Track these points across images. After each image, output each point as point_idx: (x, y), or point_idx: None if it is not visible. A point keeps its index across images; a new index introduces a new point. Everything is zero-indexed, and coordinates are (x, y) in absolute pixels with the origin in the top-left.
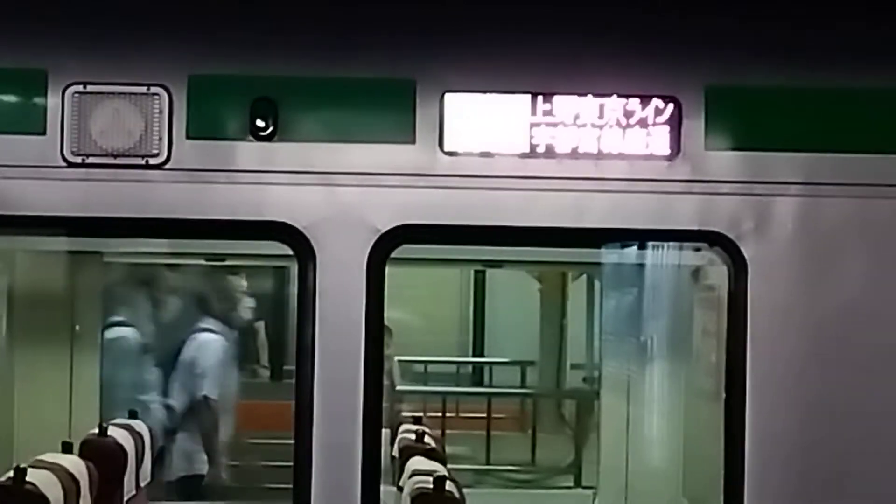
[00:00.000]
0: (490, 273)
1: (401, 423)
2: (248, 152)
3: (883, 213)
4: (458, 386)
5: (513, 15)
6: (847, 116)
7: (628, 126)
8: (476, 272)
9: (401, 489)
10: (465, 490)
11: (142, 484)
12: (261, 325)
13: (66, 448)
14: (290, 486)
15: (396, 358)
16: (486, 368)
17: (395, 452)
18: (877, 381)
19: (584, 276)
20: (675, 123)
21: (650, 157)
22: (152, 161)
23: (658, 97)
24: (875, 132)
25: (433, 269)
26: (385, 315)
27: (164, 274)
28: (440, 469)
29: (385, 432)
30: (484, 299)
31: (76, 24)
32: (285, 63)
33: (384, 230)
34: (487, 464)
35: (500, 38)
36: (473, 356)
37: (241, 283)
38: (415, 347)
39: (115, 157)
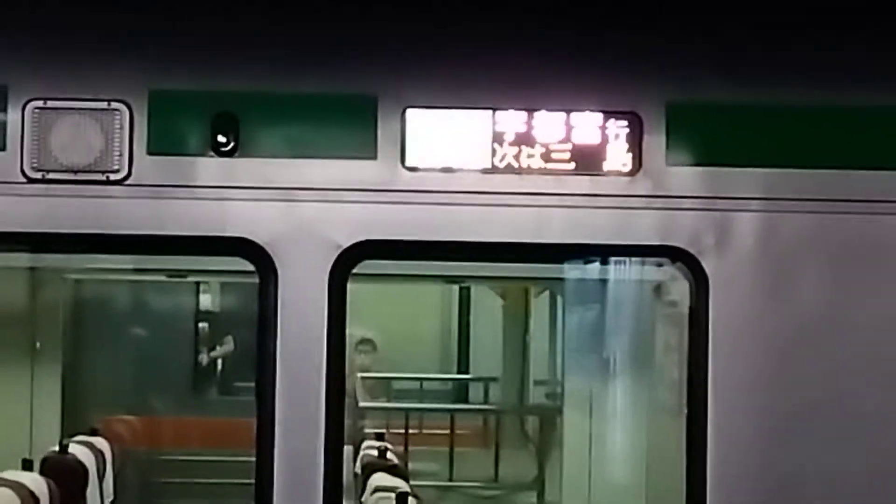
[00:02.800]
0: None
1: (363, 440)
2: (209, 168)
3: (842, 229)
4: (428, 402)
5: (474, 32)
6: (806, 133)
7: (589, 142)
8: (461, 289)
9: None
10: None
11: (106, 501)
12: (229, 339)
13: (27, 465)
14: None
15: (359, 374)
16: (471, 385)
17: (358, 469)
18: (837, 394)
19: (547, 291)
20: (637, 139)
21: (611, 172)
22: (113, 177)
23: (619, 114)
24: (834, 148)
25: (416, 285)
26: (369, 330)
27: (125, 290)
28: (403, 486)
29: (348, 449)
30: (469, 315)
31: (36, 40)
32: (247, 78)
33: (346, 246)
34: (451, 480)
35: (462, 55)
36: (458, 372)
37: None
38: (401, 364)
39: (76, 172)
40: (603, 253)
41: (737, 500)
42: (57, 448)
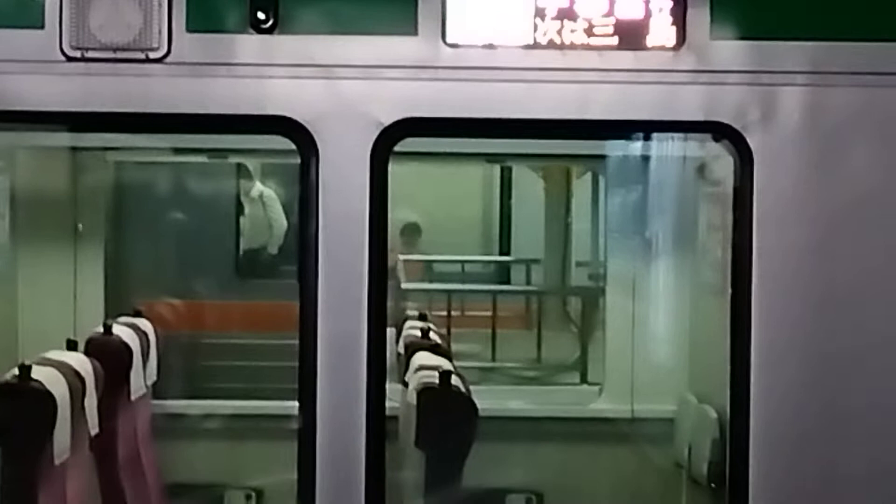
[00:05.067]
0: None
1: (406, 320)
2: (248, 45)
3: (891, 103)
4: (470, 284)
5: None
6: (854, 4)
7: (632, 16)
8: (503, 169)
9: (406, 384)
10: (470, 386)
11: (148, 382)
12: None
13: (71, 346)
14: None
15: (401, 256)
16: (512, 267)
17: (401, 349)
18: (883, 272)
19: (589, 172)
20: (681, 13)
21: (655, 47)
22: (152, 55)
23: None
24: (882, 20)
25: (458, 167)
26: (412, 214)
27: (167, 173)
28: (446, 364)
29: (390, 330)
30: (511, 197)
31: None
32: None
33: (387, 123)
34: (493, 361)
35: None
36: (500, 254)
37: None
38: (443, 246)
39: (115, 51)
40: (646, 129)
41: (781, 379)
42: (101, 329)
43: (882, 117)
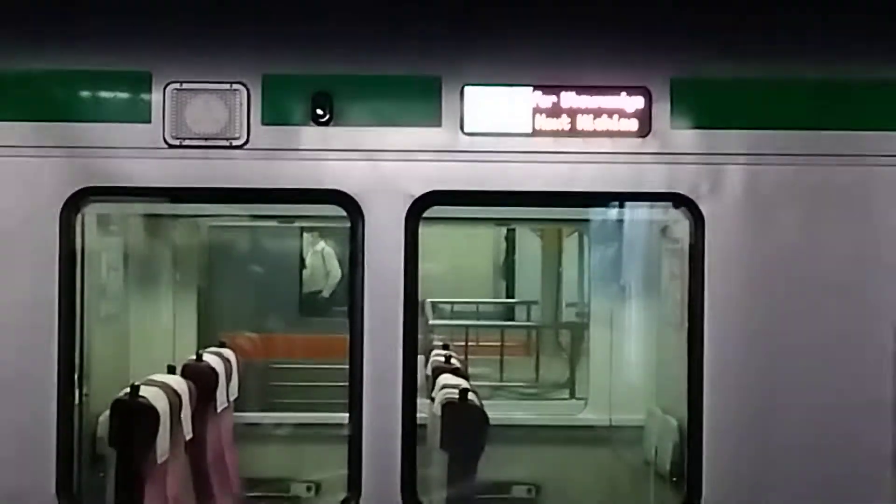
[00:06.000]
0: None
1: (432, 350)
2: (309, 135)
3: (812, 178)
4: (483, 320)
5: (517, 26)
6: (783, 100)
7: (609, 112)
8: (508, 231)
9: (433, 399)
10: (483, 401)
11: (230, 398)
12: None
13: (171, 370)
14: None
15: (428, 299)
16: (516, 307)
17: (429, 371)
18: (803, 311)
19: (576, 232)
20: (647, 109)
21: (627, 134)
22: (235, 143)
23: (633, 88)
24: (804, 112)
25: (474, 228)
26: (437, 266)
27: (246, 234)
28: (464, 384)
29: (420, 357)
30: (514, 253)
31: (172, 35)
32: (339, 64)
33: (417, 195)
34: (501, 381)
35: (508, 45)
36: (506, 297)
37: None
38: (462, 291)
39: (206, 139)
40: (621, 199)
41: (727, 394)
42: (194, 357)
43: (804, 190)
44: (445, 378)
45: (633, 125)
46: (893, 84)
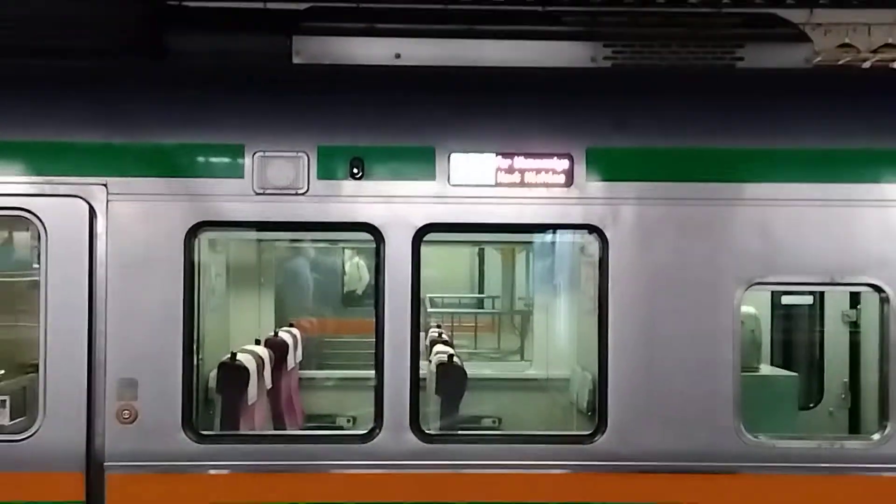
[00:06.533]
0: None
1: (430, 328)
2: (348, 186)
3: (678, 214)
4: (463, 308)
5: (487, 112)
6: (659, 162)
7: (546, 171)
8: (479, 249)
9: (430, 361)
10: (463, 362)
11: (296, 361)
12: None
13: (257, 342)
14: None
15: (427, 294)
16: (485, 300)
17: (427, 343)
18: (675, 303)
19: (524, 250)
20: (570, 169)
21: (557, 185)
22: (299, 192)
23: (559, 153)
24: (673, 170)
25: (457, 248)
26: (434, 273)
27: (306, 251)
28: (450, 351)
29: (421, 333)
30: (484, 264)
31: (259, 120)
32: (368, 139)
33: (419, 226)
34: (475, 349)
35: (480, 125)
36: (479, 293)
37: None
38: (449, 288)
39: (280, 189)
40: (554, 228)
41: (624, 358)
42: (272, 334)
43: (673, 222)
44: (438, 347)
45: (561, 179)
46: (724, 151)
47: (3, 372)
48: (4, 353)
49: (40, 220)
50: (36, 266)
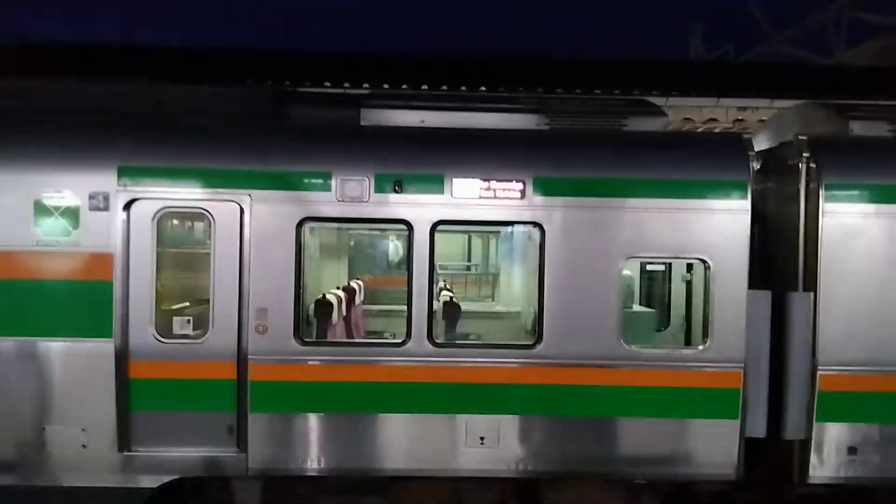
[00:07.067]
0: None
1: (438, 282)
2: (393, 198)
3: (590, 217)
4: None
5: (472, 155)
6: (578, 187)
7: (509, 188)
8: (469, 236)
9: (439, 300)
10: (458, 302)
11: (361, 300)
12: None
13: (338, 289)
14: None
15: (438, 262)
16: (472, 267)
17: (437, 290)
18: (584, 272)
19: (495, 237)
20: (524, 189)
21: (515, 199)
22: (363, 200)
23: (517, 179)
24: (587, 189)
25: (456, 235)
26: (444, 250)
27: (368, 237)
28: (451, 295)
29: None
30: (471, 245)
31: (338, 156)
32: (406, 168)
33: (435, 220)
34: (465, 295)
35: (471, 162)
36: (468, 263)
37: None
38: (451, 259)
39: (353, 199)
40: (513, 224)
41: (552, 302)
42: (346, 283)
43: (584, 221)
44: (444, 293)
45: (518, 194)
46: (615, 179)
47: (188, 304)
48: (189, 293)
49: (212, 216)
50: (208, 242)
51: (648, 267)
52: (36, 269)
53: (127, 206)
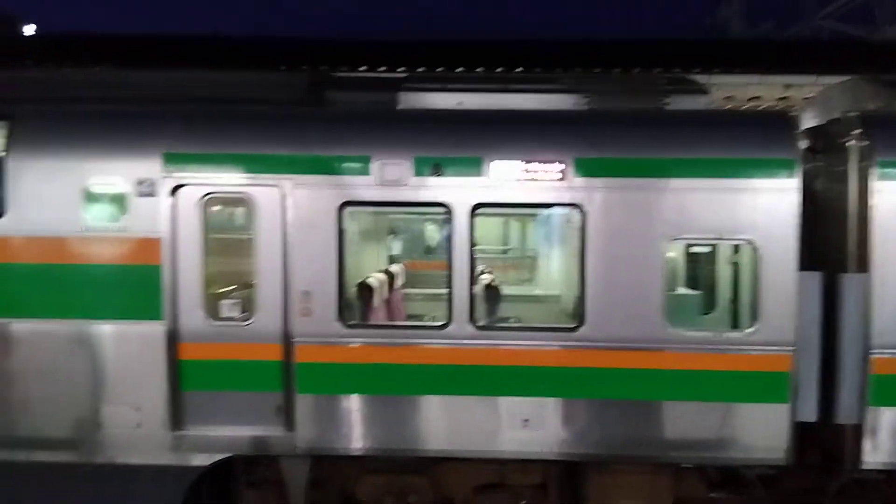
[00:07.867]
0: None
1: (478, 265)
2: (433, 181)
3: (629, 198)
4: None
5: (513, 137)
6: (617, 166)
7: (550, 170)
8: (507, 217)
9: (479, 284)
10: (498, 285)
11: (401, 283)
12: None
13: (380, 272)
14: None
15: (476, 246)
16: (511, 251)
17: (477, 273)
18: (627, 253)
19: (534, 219)
20: (565, 169)
21: (557, 180)
22: (402, 183)
23: (559, 160)
24: (624, 169)
25: (495, 218)
26: (482, 233)
27: (411, 220)
28: (491, 278)
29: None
30: (510, 227)
31: (377, 141)
32: (444, 152)
33: (474, 203)
34: (505, 278)
35: (511, 144)
36: (504, 247)
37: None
38: (490, 243)
39: (392, 182)
40: (553, 206)
41: (594, 285)
42: (388, 266)
43: (625, 203)
44: (484, 276)
45: (559, 176)
46: (657, 159)
47: (235, 287)
48: (236, 277)
49: (255, 201)
50: (252, 227)
51: (693, 249)
52: (87, 255)
53: (173, 192)
